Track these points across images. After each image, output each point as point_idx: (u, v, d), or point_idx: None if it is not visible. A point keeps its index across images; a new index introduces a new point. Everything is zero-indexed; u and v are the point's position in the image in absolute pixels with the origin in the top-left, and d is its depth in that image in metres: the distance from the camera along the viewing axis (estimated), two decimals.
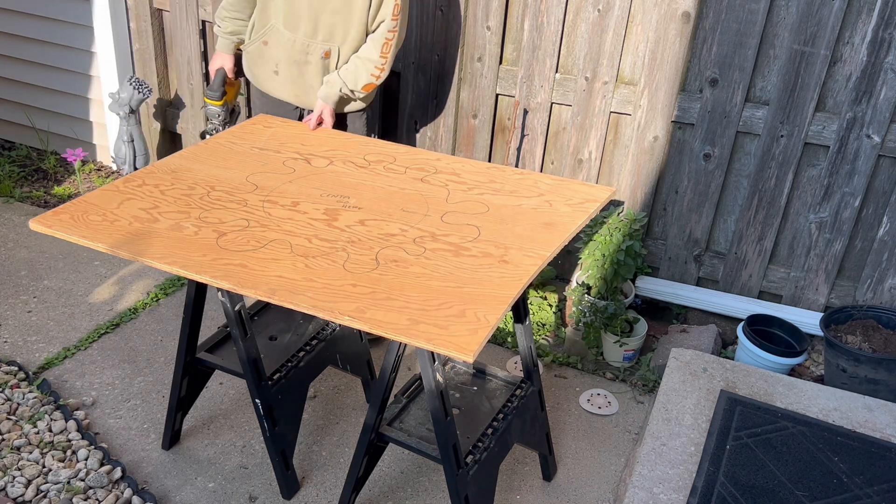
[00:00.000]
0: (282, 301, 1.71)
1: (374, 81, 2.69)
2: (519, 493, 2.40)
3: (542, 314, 3.20)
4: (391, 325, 1.65)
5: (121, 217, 2.01)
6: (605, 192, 2.26)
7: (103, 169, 4.17)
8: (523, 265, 1.89)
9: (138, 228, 1.95)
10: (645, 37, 2.88)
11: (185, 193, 2.14)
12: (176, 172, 2.26)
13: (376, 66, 2.65)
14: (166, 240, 1.91)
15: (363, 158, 2.42)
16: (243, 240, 1.93)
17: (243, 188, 2.19)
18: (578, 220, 2.10)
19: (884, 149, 2.66)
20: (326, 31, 2.66)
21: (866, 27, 2.57)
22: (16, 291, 3.17)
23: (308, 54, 2.69)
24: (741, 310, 2.99)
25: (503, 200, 2.20)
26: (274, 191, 2.18)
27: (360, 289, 1.76)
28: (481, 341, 1.60)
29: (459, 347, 1.58)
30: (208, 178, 2.24)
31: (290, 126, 2.65)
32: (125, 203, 2.08)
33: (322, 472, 2.43)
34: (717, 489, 2.05)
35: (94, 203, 2.07)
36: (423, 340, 1.60)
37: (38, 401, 2.57)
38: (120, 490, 2.26)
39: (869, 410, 2.36)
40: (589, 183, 2.69)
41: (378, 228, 2.02)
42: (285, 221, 2.02)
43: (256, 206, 2.09)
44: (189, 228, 1.97)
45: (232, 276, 1.78)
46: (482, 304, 1.72)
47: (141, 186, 2.17)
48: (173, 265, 1.81)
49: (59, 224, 1.96)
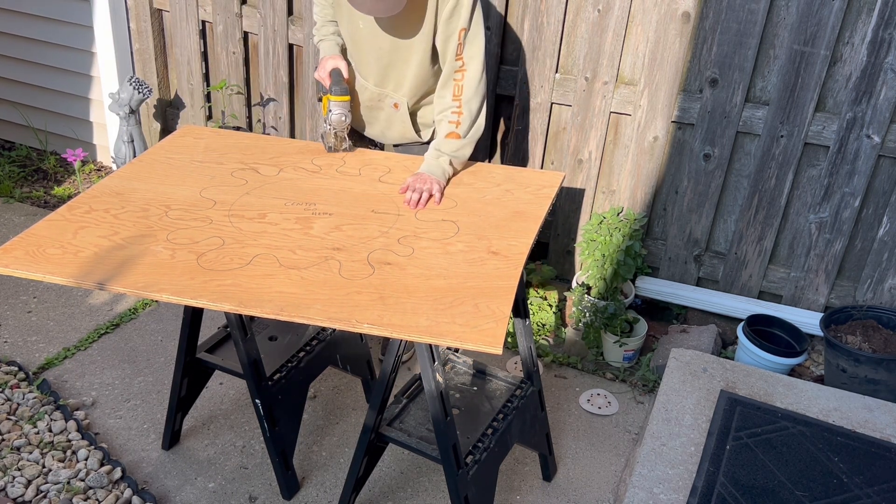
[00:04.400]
0: (292, 317, 1.67)
1: (454, 129, 2.32)
2: (519, 493, 2.40)
3: (542, 314, 3.20)
4: (413, 327, 1.65)
5: (82, 247, 1.89)
6: (557, 178, 2.34)
7: (103, 169, 4.17)
8: (512, 255, 1.92)
9: (107, 258, 1.85)
10: (645, 37, 2.88)
11: (141, 216, 2.03)
12: (121, 194, 2.14)
13: (452, 110, 2.31)
14: (144, 266, 1.82)
15: (312, 163, 2.38)
16: (225, 258, 1.87)
17: (201, 204, 2.11)
18: (544, 206, 2.18)
19: (884, 149, 2.66)
20: (395, 82, 2.43)
21: (866, 27, 2.57)
22: (16, 291, 3.17)
23: (381, 101, 2.49)
24: (741, 310, 2.99)
25: (466, 193, 2.24)
26: (234, 204, 2.11)
27: (366, 296, 1.75)
28: (504, 333, 1.63)
29: (488, 341, 1.60)
30: (159, 196, 2.14)
31: (222, 136, 2.55)
32: (80, 232, 1.96)
33: (322, 472, 2.43)
34: (717, 489, 2.05)
35: (44, 235, 1.93)
36: (451, 339, 1.62)
37: (38, 401, 2.57)
38: (120, 490, 2.26)
39: (869, 410, 2.36)
40: (536, 170, 2.78)
41: (357, 233, 2.00)
42: (260, 235, 1.97)
43: (223, 223, 2.02)
44: (162, 252, 1.88)
45: (230, 297, 1.73)
46: (491, 297, 1.75)
47: (89, 213, 2.04)
48: (162, 293, 1.72)
49: (14, 262, 1.81)
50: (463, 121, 2.31)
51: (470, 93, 2.31)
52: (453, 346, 1.70)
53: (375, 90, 2.47)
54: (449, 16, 2.22)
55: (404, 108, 2.47)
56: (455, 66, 2.29)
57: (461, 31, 2.24)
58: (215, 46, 3.70)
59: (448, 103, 2.33)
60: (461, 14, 2.22)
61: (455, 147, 2.32)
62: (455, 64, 2.28)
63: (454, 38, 2.25)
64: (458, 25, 2.23)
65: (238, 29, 3.59)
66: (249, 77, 3.73)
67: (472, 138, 2.34)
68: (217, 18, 3.61)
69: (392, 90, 2.45)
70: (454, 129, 2.32)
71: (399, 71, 2.39)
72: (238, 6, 3.55)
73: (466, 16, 2.22)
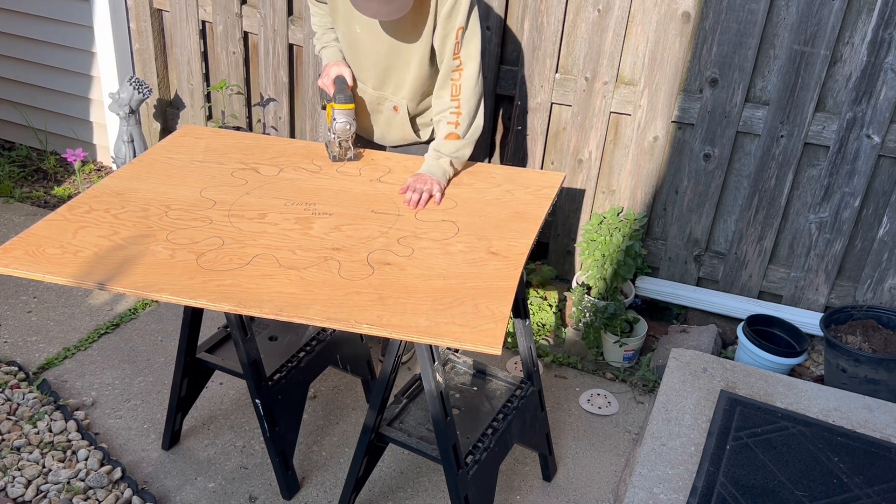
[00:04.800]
0: (291, 317, 1.67)
1: (453, 130, 2.32)
2: (519, 493, 2.40)
3: (542, 314, 3.20)
4: (412, 328, 1.65)
5: (82, 247, 1.89)
6: (558, 178, 2.34)
7: (103, 169, 4.17)
8: (512, 255, 1.92)
9: (107, 258, 1.85)
10: (645, 37, 2.88)
11: (141, 216, 2.04)
12: (122, 194, 2.14)
13: (450, 110, 2.32)
14: (144, 266, 1.83)
15: (312, 163, 2.38)
16: (224, 258, 1.87)
17: (201, 204, 2.11)
18: (544, 206, 2.17)
19: (884, 149, 2.66)
20: (394, 85, 2.42)
21: (866, 27, 2.57)
22: (16, 291, 3.17)
23: (380, 104, 2.48)
24: (741, 310, 2.99)
25: (466, 193, 2.23)
26: (234, 205, 2.12)
27: (366, 296, 1.75)
28: (503, 333, 1.63)
29: (487, 342, 1.60)
30: (159, 196, 2.15)
31: (222, 136, 2.55)
32: (80, 232, 1.96)
33: (322, 471, 2.43)
34: (717, 489, 2.05)
35: (44, 235, 1.94)
36: (450, 339, 1.61)
37: (38, 401, 2.57)
38: (120, 490, 2.26)
39: (869, 410, 2.36)
40: (537, 170, 2.73)
41: (356, 233, 2.00)
42: (260, 235, 1.97)
43: (223, 223, 2.03)
44: (162, 252, 1.88)
45: (230, 297, 1.73)
46: (490, 298, 1.74)
47: (90, 213, 2.05)
48: (162, 293, 1.73)
49: (14, 262, 1.82)
50: (462, 121, 2.32)
51: (468, 92, 2.30)
52: (453, 347, 1.69)
53: (374, 94, 2.46)
54: (447, 15, 2.22)
55: (404, 111, 2.46)
56: (452, 66, 2.29)
57: (459, 29, 2.24)
58: (215, 46, 3.70)
59: (446, 103, 2.33)
60: (459, 13, 2.22)
61: (455, 148, 2.32)
62: (452, 63, 2.29)
63: (452, 36, 2.25)
64: (456, 24, 2.24)
65: (238, 29, 3.59)
66: (249, 77, 3.73)
67: (471, 138, 2.35)
68: (217, 18, 3.61)
69: (391, 93, 2.44)
70: (453, 129, 2.32)
71: (398, 74, 2.38)
72: (238, 6, 3.55)
73: (464, 15, 2.23)
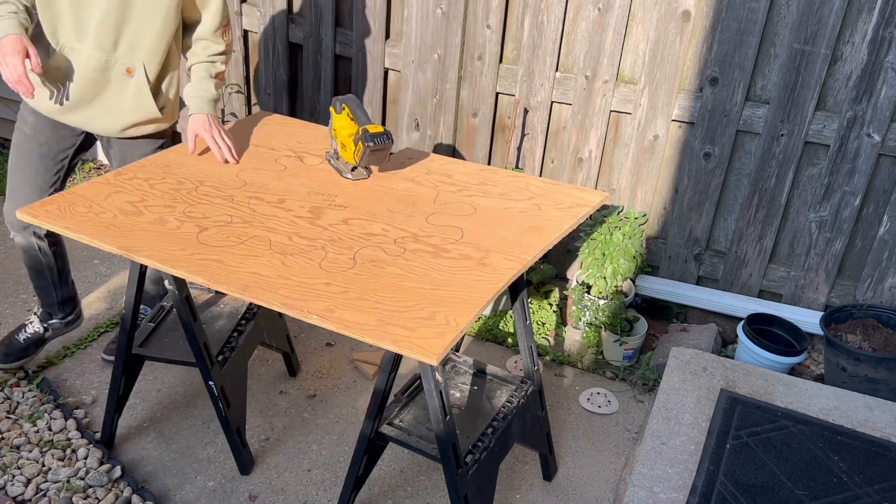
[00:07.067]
0: (253, 297, 1.71)
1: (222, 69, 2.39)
2: (519, 492, 2.40)
3: (542, 313, 3.20)
4: (359, 325, 1.64)
5: (106, 209, 2.01)
6: (597, 197, 2.24)
7: (103, 167, 4.17)
8: (501, 269, 1.86)
9: (122, 221, 1.96)
10: (645, 35, 2.87)
11: (174, 188, 2.15)
12: (168, 167, 2.26)
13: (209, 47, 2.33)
14: (148, 233, 1.92)
15: None
16: (223, 235, 1.93)
17: (232, 184, 2.20)
18: (565, 224, 2.09)
19: (884, 148, 2.66)
20: (129, 42, 2.13)
21: (867, 26, 2.56)
22: (16, 290, 3.17)
23: (106, 70, 2.15)
24: (741, 309, 2.99)
25: (492, 203, 2.20)
26: (262, 187, 2.19)
27: (333, 288, 1.75)
28: (447, 345, 1.58)
29: (424, 350, 1.56)
30: (199, 173, 2.24)
31: (288, 124, 2.64)
32: (113, 195, 2.08)
33: (322, 470, 2.43)
34: (717, 488, 2.05)
35: (82, 195, 2.07)
36: (389, 342, 1.59)
37: (38, 399, 2.57)
38: (119, 489, 2.26)
39: (869, 409, 2.36)
40: (583, 187, 2.65)
41: (360, 228, 2.01)
42: (269, 218, 2.03)
43: (242, 203, 2.10)
44: (172, 223, 1.97)
45: (206, 270, 1.78)
46: (454, 307, 1.71)
47: (131, 179, 2.17)
48: (150, 258, 1.82)
49: (45, 214, 1.96)
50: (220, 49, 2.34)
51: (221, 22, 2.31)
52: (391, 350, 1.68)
53: (98, 55, 2.11)
54: None
55: (141, 75, 2.15)
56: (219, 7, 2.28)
57: None
58: None
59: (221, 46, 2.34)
60: None
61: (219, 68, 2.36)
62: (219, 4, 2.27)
63: None
64: None
65: (238, 27, 3.59)
66: (249, 75, 3.72)
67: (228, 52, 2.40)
68: None
69: (124, 53, 2.14)
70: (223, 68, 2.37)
71: (136, 27, 2.09)
72: (238, 4, 3.54)
73: None
